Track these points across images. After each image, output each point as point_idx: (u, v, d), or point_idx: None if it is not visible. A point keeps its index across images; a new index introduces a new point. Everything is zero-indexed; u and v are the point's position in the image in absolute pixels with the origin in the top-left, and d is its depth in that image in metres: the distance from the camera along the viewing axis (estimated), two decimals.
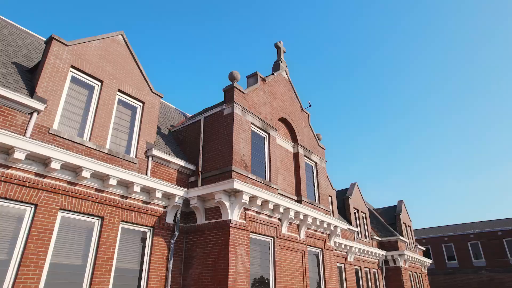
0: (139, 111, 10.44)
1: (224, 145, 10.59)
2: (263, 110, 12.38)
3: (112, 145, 9.37)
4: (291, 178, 13.21)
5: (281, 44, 15.54)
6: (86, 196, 8.12)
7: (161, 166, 10.40)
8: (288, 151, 13.59)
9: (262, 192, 10.07)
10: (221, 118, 11.12)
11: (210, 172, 10.56)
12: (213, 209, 10.06)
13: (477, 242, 36.24)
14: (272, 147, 12.18)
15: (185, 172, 11.08)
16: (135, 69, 10.63)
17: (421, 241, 39.73)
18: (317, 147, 15.38)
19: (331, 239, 14.06)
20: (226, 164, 10.25)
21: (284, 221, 11.34)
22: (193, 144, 11.75)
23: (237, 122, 10.82)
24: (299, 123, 14.62)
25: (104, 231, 8.27)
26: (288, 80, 14.96)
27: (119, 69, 10.11)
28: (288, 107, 14.18)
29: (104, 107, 9.35)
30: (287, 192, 12.67)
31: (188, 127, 12.29)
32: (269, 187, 11.32)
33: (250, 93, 11.97)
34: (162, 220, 9.79)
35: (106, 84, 9.60)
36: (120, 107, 9.98)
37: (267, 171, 11.73)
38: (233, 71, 11.58)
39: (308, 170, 14.36)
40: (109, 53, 9.98)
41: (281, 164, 12.90)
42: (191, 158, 11.50)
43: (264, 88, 12.93)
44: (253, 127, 11.69)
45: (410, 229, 28.24)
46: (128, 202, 9.04)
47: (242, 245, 9.56)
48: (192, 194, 10.03)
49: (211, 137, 11.13)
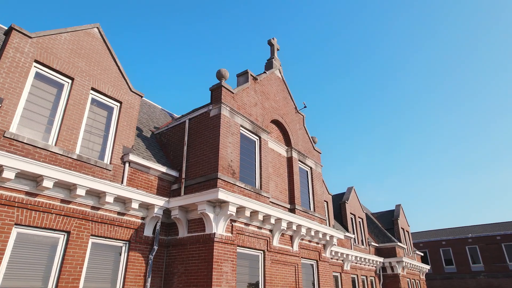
0: (115, 112, 9.47)
1: (209, 149, 9.65)
2: (254, 111, 11.45)
3: (83, 150, 8.40)
4: (284, 184, 12.29)
5: (274, 41, 14.61)
6: (49, 209, 7.15)
7: (139, 173, 9.43)
8: (281, 155, 12.66)
9: (251, 202, 9.14)
10: (207, 120, 10.18)
11: (194, 180, 9.61)
12: (197, 221, 9.12)
13: (475, 247, 35.49)
14: (263, 151, 11.26)
15: (167, 179, 10.12)
16: (112, 65, 9.66)
17: (418, 245, 38.97)
18: (312, 151, 14.46)
19: (327, 249, 13.16)
20: (211, 171, 9.31)
21: (275, 233, 10.42)
22: (177, 148, 10.80)
23: (225, 125, 9.88)
24: (293, 125, 13.70)
25: (70, 248, 7.30)
26: (282, 79, 14.03)
27: (94, 66, 9.14)
28: (281, 108, 13.26)
29: (75, 108, 8.37)
30: (279, 200, 11.75)
31: (172, 129, 11.33)
32: (259, 195, 10.39)
33: (240, 93, 11.04)
34: (139, 233, 8.83)
35: (78, 81, 8.63)
36: (94, 107, 9.01)
37: (257, 178, 10.80)
38: (221, 69, 10.63)
39: (303, 176, 13.45)
40: (82, 48, 9.01)
41: (273, 169, 11.98)
42: (175, 163, 10.55)
43: (256, 87, 12.00)
44: (243, 130, 10.76)
45: (408, 234, 27.43)
46: (100, 214, 8.08)
47: (228, 261, 8.63)
48: (173, 204, 9.09)
49: (196, 141, 10.18)
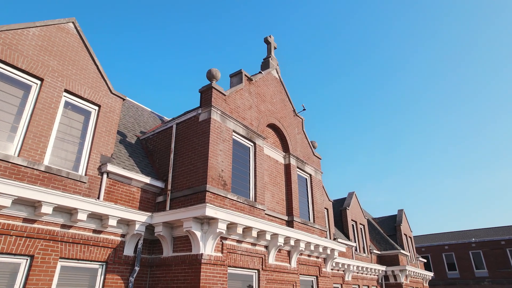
0: (93, 116, 8.51)
1: (198, 158, 8.69)
2: (248, 115, 10.49)
3: (53, 161, 7.44)
4: (281, 194, 11.33)
5: (271, 39, 13.65)
6: (7, 230, 6.19)
7: (119, 185, 8.47)
8: (278, 162, 11.70)
9: (244, 217, 8.19)
10: (196, 125, 9.22)
11: (181, 192, 8.65)
12: (183, 238, 8.16)
13: (479, 251, 34.56)
14: (258, 159, 10.30)
15: (151, 191, 9.16)
16: (90, 65, 8.70)
17: (420, 250, 38.03)
18: (311, 157, 13.51)
19: (328, 263, 12.21)
20: (199, 182, 8.35)
21: (271, 249, 9.47)
22: (163, 155, 9.84)
23: (215, 130, 8.93)
24: (292, 129, 12.75)
25: (33, 274, 6.34)
26: (279, 79, 13.08)
27: (68, 65, 8.18)
28: (278, 111, 12.30)
29: (44, 112, 7.41)
30: (276, 211, 10.79)
31: (158, 134, 10.37)
32: (254, 208, 9.43)
33: (233, 95, 10.08)
34: (118, 252, 7.87)
35: (48, 82, 7.66)
36: (67, 111, 8.05)
37: (251, 188, 9.84)
38: (212, 69, 9.68)
39: (301, 184, 12.49)
40: (54, 45, 8.04)
41: (269, 178, 11.02)
42: (161, 172, 9.59)
43: (250, 89, 11.05)
44: (236, 136, 9.80)
45: (411, 240, 26.49)
46: (72, 233, 7.12)
47: (218, 284, 7.67)
48: (157, 220, 8.13)
49: (184, 148, 9.23)
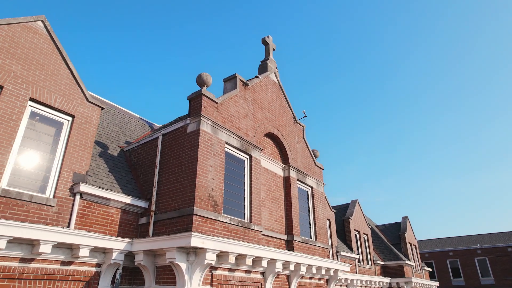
0: (65, 128, 7.47)
1: (185, 175, 7.66)
2: (243, 124, 9.46)
3: (14, 182, 6.41)
4: (279, 210, 10.30)
5: (270, 40, 12.61)
6: None
7: (95, 206, 7.44)
8: (276, 175, 10.67)
9: (236, 244, 7.16)
10: (183, 136, 8.19)
11: (166, 214, 7.63)
12: (167, 269, 7.13)
13: (485, 258, 33.53)
14: (254, 173, 9.27)
15: (133, 211, 8.13)
16: (63, 69, 7.66)
17: (424, 256, 37.00)
18: (313, 167, 12.47)
19: (331, 284, 11.19)
20: (186, 204, 7.32)
21: (269, 276, 8.44)
22: (148, 170, 8.81)
23: (205, 143, 7.89)
24: (291, 138, 11.71)
25: None
26: (278, 84, 12.04)
27: (36, 70, 7.15)
28: (277, 118, 11.26)
29: (3, 125, 6.38)
30: (274, 230, 9.76)
31: (143, 146, 9.34)
32: (249, 230, 8.40)
33: (226, 102, 9.05)
34: (92, 285, 6.85)
35: (9, 90, 6.63)
36: (34, 123, 7.02)
37: (246, 206, 8.81)
38: (202, 73, 8.65)
39: (302, 198, 11.46)
40: (19, 47, 7.01)
41: (267, 193, 9.99)
42: (145, 189, 8.56)
43: (246, 95, 10.01)
44: (229, 148, 8.78)
45: (416, 248, 25.46)
46: (34, 267, 6.10)
47: None
48: (138, 247, 7.10)
49: (170, 163, 8.20)
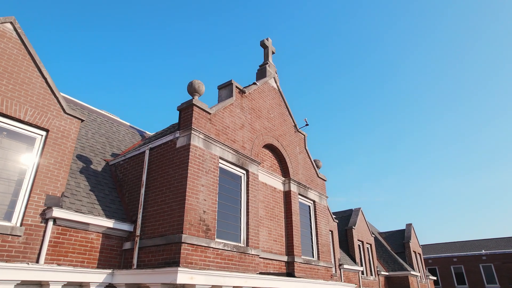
0: (38, 144, 6.65)
1: (174, 196, 6.84)
2: (239, 135, 8.64)
3: None
4: (279, 229, 9.48)
5: (269, 42, 11.79)
6: None
7: (72, 232, 6.61)
8: (276, 190, 9.84)
9: (230, 276, 6.34)
10: (172, 152, 7.36)
11: (152, 240, 6.80)
12: None
13: (490, 265, 32.68)
14: (252, 189, 8.45)
15: (116, 235, 7.30)
16: (35, 78, 6.84)
17: (427, 261, 36.15)
18: (315, 179, 11.64)
19: None
20: (174, 229, 6.50)
21: None
22: (133, 188, 7.98)
23: (196, 160, 7.07)
24: (292, 148, 10.89)
25: None
26: (278, 90, 11.21)
27: (2, 79, 6.33)
28: (277, 127, 10.44)
29: None
30: (273, 252, 8.94)
31: (130, 161, 8.51)
32: (245, 255, 7.57)
33: (220, 113, 8.22)
34: None
35: None
36: (1, 140, 6.19)
37: (243, 228, 7.98)
38: (194, 81, 7.83)
39: (304, 213, 10.63)
40: None
41: (266, 211, 9.17)
42: (131, 209, 7.74)
43: (243, 103, 9.19)
44: (223, 164, 7.95)
45: (420, 256, 24.64)
46: None
47: None
48: (119, 279, 6.30)
49: (157, 181, 7.37)
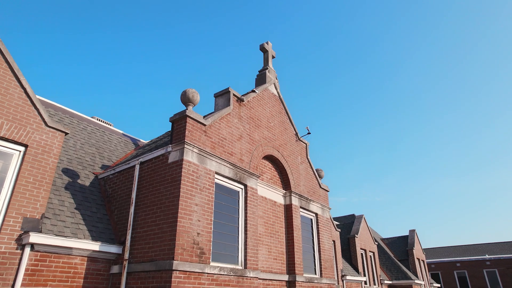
0: (15, 161, 6.08)
1: (165, 217, 6.27)
2: (237, 147, 8.06)
3: None
4: (280, 246, 8.90)
5: (269, 46, 11.22)
6: None
7: (52, 257, 6.03)
8: (276, 203, 9.27)
9: None
10: (163, 167, 6.79)
11: (141, 265, 6.23)
12: None
13: (495, 270, 32.09)
14: (250, 205, 7.87)
15: (104, 258, 6.73)
16: (13, 88, 6.27)
17: (430, 266, 35.56)
18: (317, 190, 11.07)
19: None
20: (165, 255, 5.92)
21: None
22: (123, 205, 7.41)
23: (189, 177, 6.49)
24: (293, 158, 10.31)
25: None
26: (278, 96, 10.64)
27: None
28: (277, 137, 9.86)
29: None
30: (273, 271, 8.37)
31: (119, 175, 7.93)
32: (243, 278, 7.00)
33: (216, 124, 7.65)
34: None
35: None
36: None
37: (241, 248, 7.41)
38: (188, 90, 7.26)
39: (305, 227, 10.06)
40: None
41: (265, 227, 8.59)
42: (120, 228, 7.16)
43: (241, 112, 8.62)
44: (220, 179, 7.37)
45: (424, 263, 24.06)
46: None
47: None
48: None
49: (148, 199, 6.80)
